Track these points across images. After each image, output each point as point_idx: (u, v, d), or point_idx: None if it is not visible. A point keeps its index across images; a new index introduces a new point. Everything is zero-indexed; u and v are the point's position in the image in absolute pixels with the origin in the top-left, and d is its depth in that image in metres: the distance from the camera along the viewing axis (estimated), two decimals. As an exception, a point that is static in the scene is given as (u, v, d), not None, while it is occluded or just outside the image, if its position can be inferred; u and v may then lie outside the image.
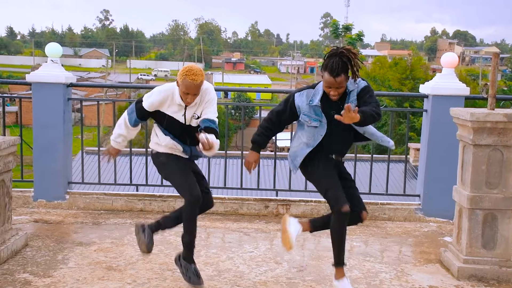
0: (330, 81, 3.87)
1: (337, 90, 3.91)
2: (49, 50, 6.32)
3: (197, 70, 3.97)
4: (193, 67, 4.00)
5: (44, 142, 6.24)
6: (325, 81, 3.91)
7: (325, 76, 3.90)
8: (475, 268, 4.46)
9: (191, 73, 3.94)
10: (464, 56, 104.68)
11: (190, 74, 3.93)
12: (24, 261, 4.59)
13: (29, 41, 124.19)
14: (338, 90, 3.91)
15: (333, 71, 3.85)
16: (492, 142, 4.38)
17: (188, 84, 3.94)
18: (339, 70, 3.84)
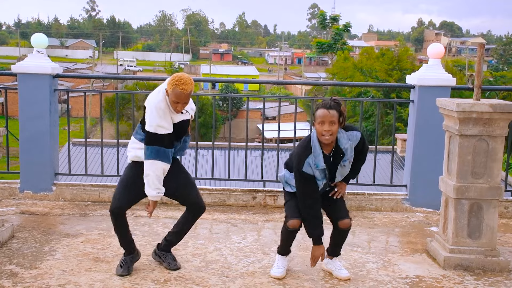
0: (324, 114, 3.88)
1: (330, 127, 3.88)
2: (35, 40, 6.26)
3: (186, 79, 3.94)
4: (183, 76, 3.95)
5: (30, 133, 6.19)
6: (319, 117, 3.90)
7: (318, 112, 3.93)
8: (461, 257, 4.50)
9: (180, 82, 3.89)
10: (450, 47, 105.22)
11: (180, 83, 3.89)
12: (11, 253, 4.56)
13: (14, 32, 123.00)
14: (331, 127, 3.88)
15: (326, 104, 3.92)
16: (477, 132, 4.41)
17: (178, 94, 3.90)
18: (332, 105, 3.91)
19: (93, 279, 4.10)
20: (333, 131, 3.90)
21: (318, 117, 3.91)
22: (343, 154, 4.04)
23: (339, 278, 4.22)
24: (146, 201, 4.29)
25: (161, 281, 4.10)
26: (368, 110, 31.41)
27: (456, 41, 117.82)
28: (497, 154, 4.44)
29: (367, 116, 31.79)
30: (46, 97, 6.18)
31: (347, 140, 4.03)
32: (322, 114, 3.89)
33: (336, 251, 4.37)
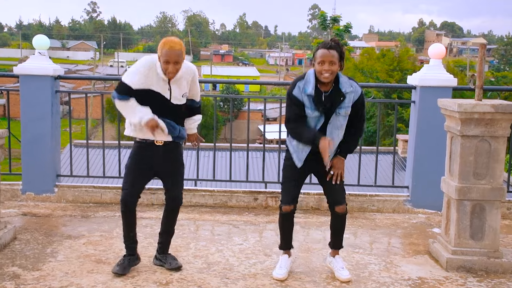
0: (324, 53, 3.88)
1: (330, 67, 3.88)
2: (36, 42, 6.27)
3: (174, 38, 3.99)
4: (171, 37, 4.02)
5: (32, 135, 6.20)
6: (319, 57, 3.91)
7: (318, 52, 3.93)
8: (463, 259, 4.50)
9: (168, 41, 3.95)
10: (451, 47, 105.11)
11: (168, 42, 3.93)
12: (13, 255, 4.56)
13: (16, 33, 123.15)
14: (331, 67, 3.88)
15: (326, 44, 3.93)
16: (479, 133, 4.40)
17: (167, 52, 3.90)
18: (333, 45, 3.92)
19: (95, 280, 4.10)
20: (332, 70, 3.90)
21: (318, 57, 3.92)
22: (343, 97, 3.98)
23: (339, 279, 4.21)
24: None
25: (163, 282, 4.10)
26: (369, 111, 31.36)
27: (457, 42, 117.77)
28: (499, 155, 4.43)
29: (368, 117, 31.72)
30: (48, 98, 6.18)
31: (349, 86, 3.99)
32: (322, 53, 3.90)
33: (336, 242, 4.33)
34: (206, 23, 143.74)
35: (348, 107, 4.02)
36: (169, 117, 4.14)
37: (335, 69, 3.91)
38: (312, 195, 6.23)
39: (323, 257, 4.69)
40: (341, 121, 4.04)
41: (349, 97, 4.01)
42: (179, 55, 3.94)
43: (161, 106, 4.10)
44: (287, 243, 4.37)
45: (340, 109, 3.98)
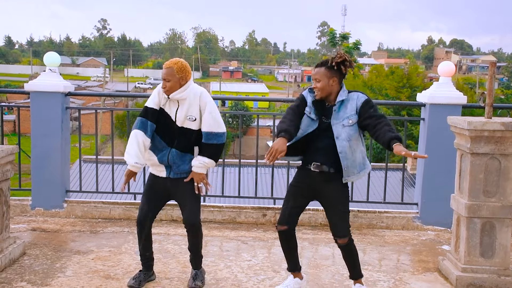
0: (312, 71, 4.07)
1: (316, 84, 3.95)
2: (47, 59, 6.32)
3: (175, 59, 4.19)
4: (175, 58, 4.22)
5: (42, 151, 6.23)
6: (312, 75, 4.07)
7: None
8: (473, 276, 4.46)
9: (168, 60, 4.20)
10: (461, 64, 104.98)
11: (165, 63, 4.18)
12: (22, 270, 4.58)
13: (27, 50, 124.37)
14: (317, 84, 3.95)
15: (321, 62, 4.02)
16: (489, 151, 4.39)
17: (162, 71, 4.15)
18: (320, 63, 4.00)
19: (103, 296, 4.10)
20: (318, 87, 3.95)
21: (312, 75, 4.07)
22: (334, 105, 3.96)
23: None
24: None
25: (171, 299, 4.09)
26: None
27: (466, 59, 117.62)
28: (509, 173, 4.41)
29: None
30: (58, 115, 6.22)
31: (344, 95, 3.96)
32: (313, 72, 4.05)
33: (351, 272, 4.19)
34: (215, 40, 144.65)
35: (352, 116, 3.92)
36: (177, 141, 4.18)
37: (320, 86, 3.95)
38: (321, 211, 6.21)
39: (331, 274, 4.68)
40: (348, 131, 3.91)
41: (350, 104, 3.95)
42: (169, 73, 4.11)
43: (169, 127, 4.19)
44: (290, 264, 4.27)
45: (344, 120, 3.92)
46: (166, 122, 4.19)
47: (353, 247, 4.09)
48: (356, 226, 6.20)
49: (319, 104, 4.03)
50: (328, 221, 4.11)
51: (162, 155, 4.19)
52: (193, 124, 4.17)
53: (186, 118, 4.16)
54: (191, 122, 4.17)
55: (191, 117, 4.16)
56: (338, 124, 3.93)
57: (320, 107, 4.02)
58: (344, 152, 3.90)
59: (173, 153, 4.18)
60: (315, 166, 4.00)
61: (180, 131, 4.17)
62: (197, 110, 4.17)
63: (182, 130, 4.17)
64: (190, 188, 4.24)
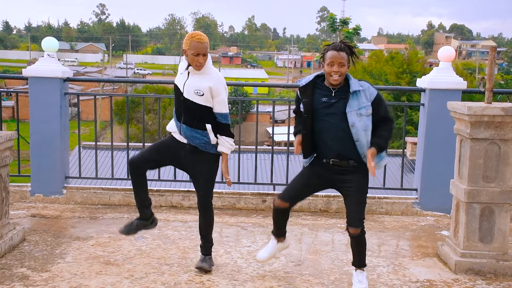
0: (334, 55, 3.85)
1: (340, 69, 3.85)
2: (46, 44, 6.29)
3: (200, 33, 4.18)
4: (196, 31, 4.19)
5: (41, 137, 6.22)
6: (328, 58, 3.88)
7: (328, 54, 3.90)
8: (472, 261, 4.47)
9: (195, 34, 4.15)
10: (460, 50, 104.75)
11: (196, 35, 4.14)
12: (22, 256, 4.58)
13: (25, 36, 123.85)
14: (341, 69, 3.85)
15: (336, 46, 3.91)
16: (489, 136, 4.38)
17: (196, 45, 4.08)
18: (343, 47, 3.90)
19: (103, 282, 4.11)
20: (341, 72, 3.87)
21: (327, 58, 3.89)
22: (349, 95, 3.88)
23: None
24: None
25: (171, 284, 4.10)
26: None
27: (466, 44, 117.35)
28: (509, 158, 4.41)
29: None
30: (57, 100, 6.21)
31: (358, 86, 3.91)
32: (331, 55, 3.87)
33: (354, 260, 4.14)
34: (214, 25, 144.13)
35: (368, 106, 3.88)
36: (185, 114, 4.20)
37: (344, 71, 3.87)
38: (321, 197, 6.22)
39: (331, 259, 4.69)
40: (365, 121, 3.87)
41: (365, 94, 3.91)
42: (206, 47, 4.14)
43: (178, 100, 4.24)
44: (277, 231, 4.32)
45: (361, 109, 3.87)
46: (177, 95, 4.26)
47: (363, 239, 4.03)
48: (355, 212, 6.21)
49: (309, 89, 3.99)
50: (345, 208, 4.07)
51: (178, 127, 4.28)
52: (199, 99, 4.15)
53: (193, 91, 4.15)
54: (199, 96, 4.15)
55: (199, 92, 4.15)
56: (352, 112, 3.86)
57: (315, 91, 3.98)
58: (360, 141, 3.88)
59: (183, 128, 4.22)
60: (333, 162, 3.97)
61: (186, 103, 4.18)
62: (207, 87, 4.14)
63: (188, 102, 4.17)
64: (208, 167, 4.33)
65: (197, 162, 4.28)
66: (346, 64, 3.89)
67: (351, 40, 37.15)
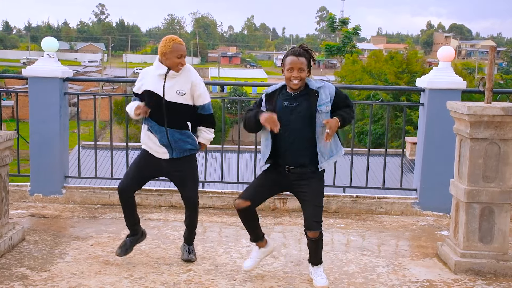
0: (293, 60, 3.90)
1: (299, 74, 3.89)
2: (45, 44, 6.29)
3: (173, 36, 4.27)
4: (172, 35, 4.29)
5: (41, 136, 6.22)
6: (288, 63, 3.92)
7: (287, 60, 3.94)
8: (472, 262, 4.47)
9: (175, 37, 4.24)
10: (460, 49, 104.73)
11: (176, 38, 4.23)
12: (21, 255, 4.58)
13: (25, 36, 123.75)
14: (300, 74, 3.89)
15: (295, 51, 3.95)
16: (489, 136, 4.38)
17: (178, 47, 4.19)
18: (302, 52, 3.95)
19: (103, 282, 4.11)
20: (301, 77, 3.90)
21: (287, 64, 3.93)
22: (317, 92, 3.94)
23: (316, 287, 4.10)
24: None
25: (170, 284, 4.10)
26: (377, 113, 31.32)
27: (465, 44, 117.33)
28: (509, 158, 4.41)
29: (376, 119, 31.70)
30: (57, 100, 6.20)
31: (319, 82, 4.01)
32: (291, 61, 3.91)
33: (311, 258, 4.16)
34: (214, 25, 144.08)
35: (328, 102, 3.94)
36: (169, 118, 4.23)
37: (303, 76, 3.92)
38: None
39: (330, 259, 4.69)
40: (324, 118, 3.93)
41: (324, 92, 3.96)
42: (184, 50, 4.25)
43: (156, 104, 4.24)
44: (253, 235, 4.30)
45: (321, 106, 3.92)
46: (154, 102, 4.25)
47: (321, 240, 4.08)
48: (355, 212, 6.21)
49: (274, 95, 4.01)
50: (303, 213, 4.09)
51: (162, 136, 4.28)
52: (181, 98, 4.25)
53: (175, 92, 4.23)
54: (180, 96, 4.24)
55: (181, 91, 4.24)
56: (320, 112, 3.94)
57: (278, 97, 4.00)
58: (319, 138, 3.94)
59: (171, 132, 4.26)
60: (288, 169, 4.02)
61: (169, 106, 4.23)
62: (188, 86, 4.27)
63: (171, 105, 4.23)
64: (190, 167, 4.41)
65: (179, 167, 4.38)
66: (305, 69, 3.93)
67: (350, 40, 37.36)
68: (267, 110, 3.98)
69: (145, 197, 6.31)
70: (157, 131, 4.28)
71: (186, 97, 4.27)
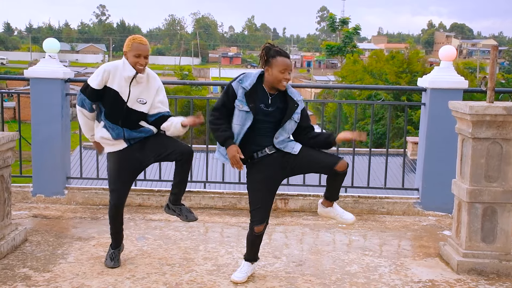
0: (286, 62, 3.91)
1: (289, 76, 3.94)
2: (47, 45, 6.30)
3: (141, 36, 4.21)
4: (137, 35, 4.25)
5: (43, 138, 6.22)
6: (281, 65, 3.89)
7: (279, 60, 3.91)
8: (474, 262, 4.47)
9: (136, 37, 4.16)
10: (461, 49, 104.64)
11: (137, 38, 4.15)
12: (24, 256, 4.58)
13: (26, 37, 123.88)
14: (288, 76, 3.93)
15: (285, 53, 3.97)
16: (491, 135, 4.37)
17: (138, 46, 4.10)
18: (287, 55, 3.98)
19: (105, 282, 4.11)
20: (289, 78, 3.96)
21: (280, 65, 3.89)
22: (297, 104, 4.00)
23: (346, 223, 4.10)
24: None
25: (172, 284, 4.10)
26: (378, 113, 31.28)
27: (467, 43, 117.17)
28: (511, 157, 4.40)
29: (377, 119, 31.65)
30: (58, 101, 6.21)
31: (298, 95, 4.07)
32: (284, 62, 3.90)
33: (334, 195, 4.20)
34: (214, 26, 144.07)
35: (299, 113, 4.03)
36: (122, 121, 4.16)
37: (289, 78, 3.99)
38: (321, 197, 6.20)
39: (333, 259, 4.69)
40: (292, 126, 4.02)
41: (301, 104, 4.06)
42: (148, 49, 4.16)
43: (117, 107, 4.14)
44: (255, 257, 4.30)
45: (295, 114, 4.00)
46: (114, 102, 4.13)
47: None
48: (357, 212, 6.20)
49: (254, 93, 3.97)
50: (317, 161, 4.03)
51: (117, 133, 4.19)
52: (142, 107, 4.18)
53: (136, 100, 4.15)
54: (141, 104, 4.17)
55: (142, 100, 4.17)
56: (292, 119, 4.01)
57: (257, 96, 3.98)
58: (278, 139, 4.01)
59: (126, 131, 4.19)
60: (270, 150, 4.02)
61: (128, 112, 4.15)
62: (151, 93, 4.19)
63: (131, 111, 4.16)
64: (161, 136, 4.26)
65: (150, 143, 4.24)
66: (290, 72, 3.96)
67: (351, 40, 37.28)
68: (249, 108, 3.92)
69: (147, 198, 6.31)
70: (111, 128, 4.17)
71: (147, 106, 4.19)
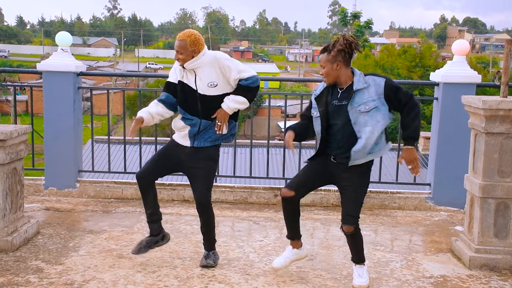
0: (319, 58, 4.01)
1: (322, 71, 3.95)
2: (59, 39, 6.32)
3: (187, 30, 4.20)
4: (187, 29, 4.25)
5: (55, 131, 6.25)
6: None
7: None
8: (487, 257, 4.44)
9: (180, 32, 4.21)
10: (474, 43, 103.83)
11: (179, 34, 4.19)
12: (36, 249, 4.62)
13: (38, 31, 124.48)
14: (322, 70, 3.94)
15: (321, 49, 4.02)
16: (504, 130, 4.33)
17: (175, 42, 4.18)
18: (323, 49, 3.97)
19: (116, 275, 4.13)
20: (324, 73, 3.93)
21: None
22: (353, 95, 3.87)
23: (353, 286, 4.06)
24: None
25: (183, 278, 4.11)
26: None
27: (480, 38, 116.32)
28: (524, 153, 4.36)
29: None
30: (70, 94, 6.23)
31: (362, 83, 3.88)
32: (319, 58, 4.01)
33: (353, 256, 4.12)
34: (226, 20, 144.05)
35: (369, 102, 3.83)
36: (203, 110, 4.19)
37: (326, 72, 3.91)
38: (333, 192, 6.20)
39: (343, 254, 4.68)
40: (366, 118, 3.84)
41: (367, 92, 3.86)
42: (182, 46, 4.11)
43: (191, 97, 4.21)
44: (291, 232, 4.25)
45: (360, 105, 3.84)
46: (187, 93, 4.21)
47: (358, 235, 4.03)
48: (368, 207, 6.18)
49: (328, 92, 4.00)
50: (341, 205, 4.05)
51: (194, 127, 4.22)
52: (214, 90, 4.17)
53: (207, 86, 4.16)
54: (213, 88, 4.16)
55: (212, 83, 4.16)
56: (352, 110, 3.86)
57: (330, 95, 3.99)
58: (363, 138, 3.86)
59: (204, 124, 4.21)
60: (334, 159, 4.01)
61: (202, 99, 4.18)
62: (216, 75, 4.16)
63: (205, 98, 4.17)
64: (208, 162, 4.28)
65: (196, 160, 4.26)
66: (326, 65, 3.91)
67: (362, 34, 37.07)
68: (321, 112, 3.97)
69: (158, 192, 6.25)
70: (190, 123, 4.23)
71: (219, 88, 4.18)
